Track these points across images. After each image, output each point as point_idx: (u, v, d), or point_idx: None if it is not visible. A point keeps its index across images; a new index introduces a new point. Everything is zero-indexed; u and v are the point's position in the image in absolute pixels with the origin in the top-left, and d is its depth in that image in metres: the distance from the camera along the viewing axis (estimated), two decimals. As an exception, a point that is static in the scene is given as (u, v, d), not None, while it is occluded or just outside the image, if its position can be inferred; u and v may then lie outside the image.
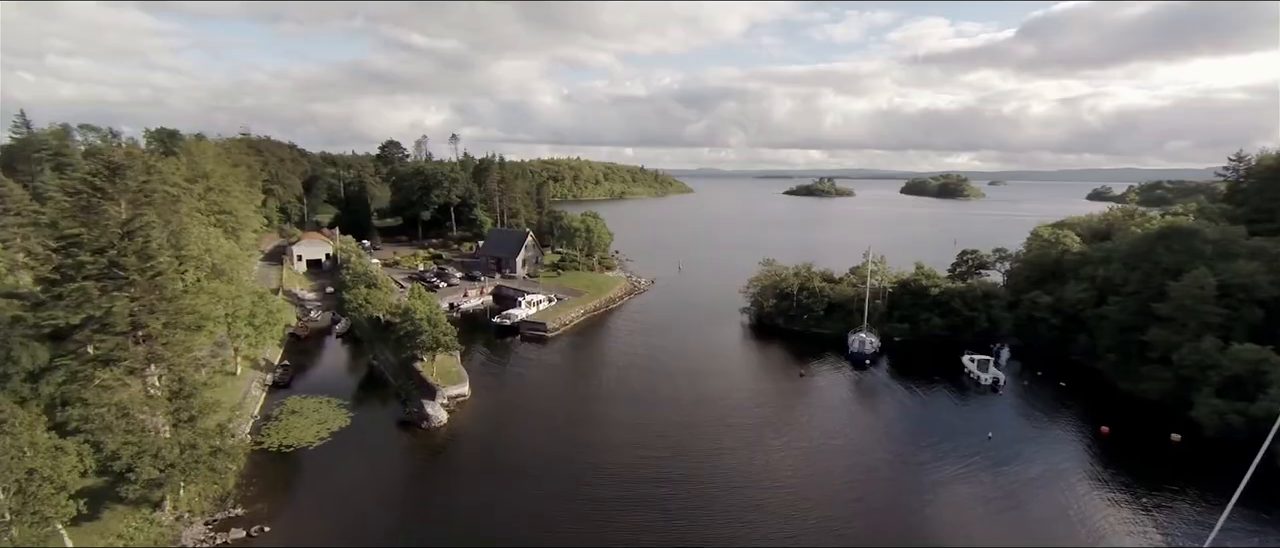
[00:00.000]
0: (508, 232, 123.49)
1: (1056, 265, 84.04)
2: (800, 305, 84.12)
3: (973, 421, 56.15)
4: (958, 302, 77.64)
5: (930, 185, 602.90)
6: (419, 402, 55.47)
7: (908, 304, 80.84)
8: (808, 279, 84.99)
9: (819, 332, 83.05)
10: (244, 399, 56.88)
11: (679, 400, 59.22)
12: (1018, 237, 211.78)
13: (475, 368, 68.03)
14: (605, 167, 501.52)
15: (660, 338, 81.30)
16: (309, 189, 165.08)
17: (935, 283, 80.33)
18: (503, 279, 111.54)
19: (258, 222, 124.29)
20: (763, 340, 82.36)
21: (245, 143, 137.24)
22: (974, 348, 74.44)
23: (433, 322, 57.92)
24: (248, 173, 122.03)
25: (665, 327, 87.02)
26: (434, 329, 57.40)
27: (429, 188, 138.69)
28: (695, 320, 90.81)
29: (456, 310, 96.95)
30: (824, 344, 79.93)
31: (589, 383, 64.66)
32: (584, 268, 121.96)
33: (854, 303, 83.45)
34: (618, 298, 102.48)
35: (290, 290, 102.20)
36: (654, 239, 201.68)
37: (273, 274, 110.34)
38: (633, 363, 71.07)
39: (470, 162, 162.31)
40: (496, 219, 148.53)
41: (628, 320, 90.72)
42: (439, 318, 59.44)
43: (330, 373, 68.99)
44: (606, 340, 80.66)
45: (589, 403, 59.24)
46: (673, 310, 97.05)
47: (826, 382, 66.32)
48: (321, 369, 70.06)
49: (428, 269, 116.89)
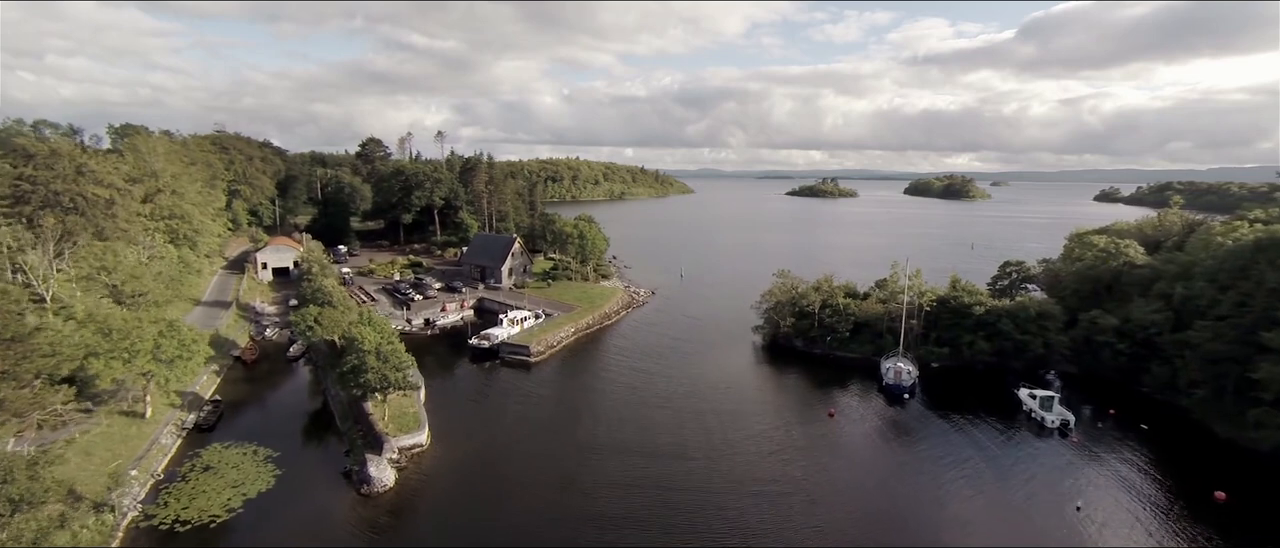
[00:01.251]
0: (493, 237, 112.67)
1: (1115, 279, 73.34)
2: (822, 326, 73.31)
3: (1051, 482, 45.24)
4: (1007, 323, 66.79)
5: (934, 186, 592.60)
6: (362, 456, 44.66)
7: (947, 324, 70.06)
8: (831, 295, 74.12)
9: (844, 356, 72.29)
10: (147, 452, 46.03)
11: (686, 454, 48.22)
12: (1039, 241, 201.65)
13: (441, 405, 57.09)
14: (605, 167, 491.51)
15: (661, 364, 70.39)
16: (285, 190, 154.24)
17: (979, 300, 69.49)
18: (487, 291, 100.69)
19: (219, 226, 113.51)
20: (779, 367, 71.49)
21: (210, 140, 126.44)
22: (1027, 378, 63.72)
23: (382, 355, 46.98)
24: (208, 172, 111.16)
25: (667, 350, 76.06)
26: (384, 364, 46.49)
27: (410, 189, 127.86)
28: (701, 341, 79.88)
29: (432, 327, 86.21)
30: (850, 370, 69.20)
31: (575, 427, 53.67)
32: (578, 277, 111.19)
33: (883, 322, 72.72)
34: (613, 313, 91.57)
35: (248, 304, 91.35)
36: (654, 242, 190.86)
37: (233, 285, 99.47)
38: (629, 399, 60.15)
39: (457, 160, 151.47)
40: (484, 222, 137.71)
41: (624, 341, 79.76)
42: (392, 350, 48.55)
43: (272, 410, 58.08)
44: (599, 368, 69.74)
45: (573, 456, 48.28)
46: (675, 329, 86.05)
47: (862, 426, 55.37)
48: (261, 406, 59.08)
49: (403, 279, 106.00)
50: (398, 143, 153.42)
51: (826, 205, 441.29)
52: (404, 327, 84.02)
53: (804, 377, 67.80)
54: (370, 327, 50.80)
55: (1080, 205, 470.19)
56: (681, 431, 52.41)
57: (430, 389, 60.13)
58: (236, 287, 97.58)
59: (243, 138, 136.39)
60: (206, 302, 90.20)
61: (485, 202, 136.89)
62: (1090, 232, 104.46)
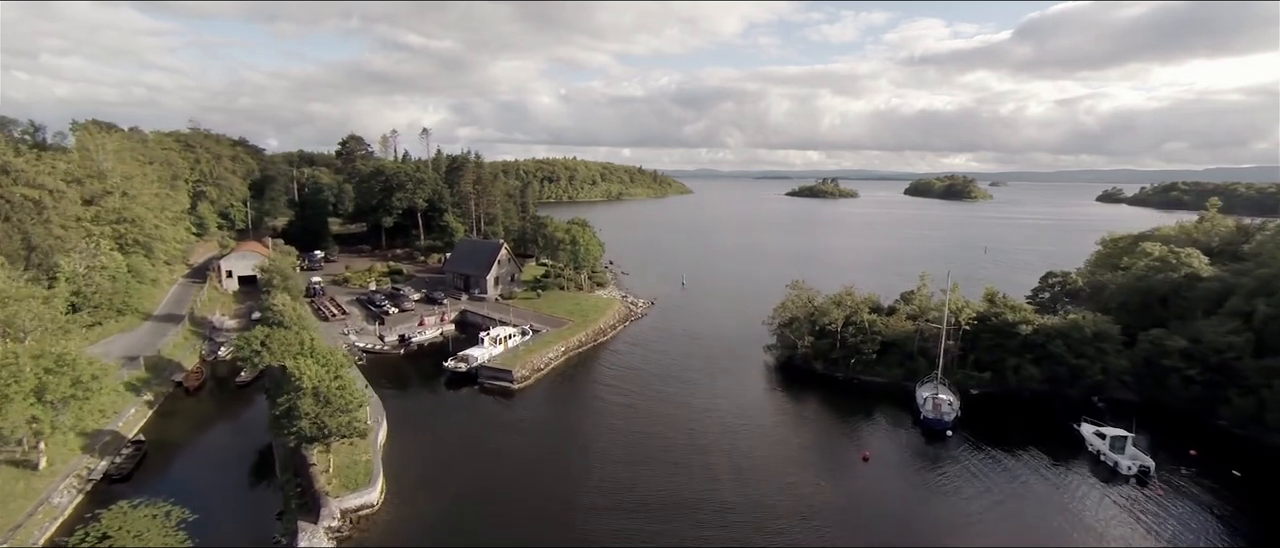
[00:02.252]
0: (478, 243, 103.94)
1: (1174, 292, 65.05)
2: (845, 346, 64.81)
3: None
4: (1059, 345, 58.39)
5: (935, 187, 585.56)
6: (294, 524, 35.98)
7: (987, 345, 61.64)
8: (855, 311, 65.61)
9: (870, 380, 63.82)
10: (31, 515, 37.26)
11: (698, 518, 39.47)
12: (1054, 244, 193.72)
13: (403, 447, 48.34)
14: (602, 167, 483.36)
15: (662, 391, 61.75)
16: (262, 191, 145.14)
17: (1024, 317, 61.04)
18: (470, 302, 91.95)
19: (181, 231, 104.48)
20: (797, 394, 62.92)
21: (173, 137, 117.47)
22: (1085, 409, 55.35)
23: (322, 396, 38.18)
24: (168, 171, 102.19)
25: (669, 373, 67.36)
26: (323, 408, 37.73)
27: (391, 190, 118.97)
28: (707, 362, 71.17)
29: (406, 345, 77.46)
30: (878, 397, 60.79)
31: (560, 478, 44.95)
32: (571, 285, 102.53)
33: (914, 342, 64.26)
34: (608, 328, 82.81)
35: (205, 318, 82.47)
36: (652, 246, 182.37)
37: (193, 295, 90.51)
38: (624, 440, 51.46)
39: (444, 159, 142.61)
40: (471, 226, 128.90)
41: (619, 363, 70.95)
42: (338, 388, 39.76)
43: (205, 454, 49.36)
44: (590, 397, 61.00)
45: (556, 517, 39.61)
46: (678, 347, 77.27)
47: (905, 473, 46.78)
48: (194, 448, 50.28)
49: (380, 289, 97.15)
50: (380, 141, 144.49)
51: (827, 206, 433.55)
52: (375, 345, 75.29)
53: (827, 407, 59.25)
54: (311, 358, 42.00)
55: (1083, 206, 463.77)
56: (690, 483, 43.70)
57: (394, 424, 51.41)
58: (197, 298, 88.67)
59: (212, 136, 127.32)
60: (158, 316, 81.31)
61: (473, 204, 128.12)
62: (1125, 237, 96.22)
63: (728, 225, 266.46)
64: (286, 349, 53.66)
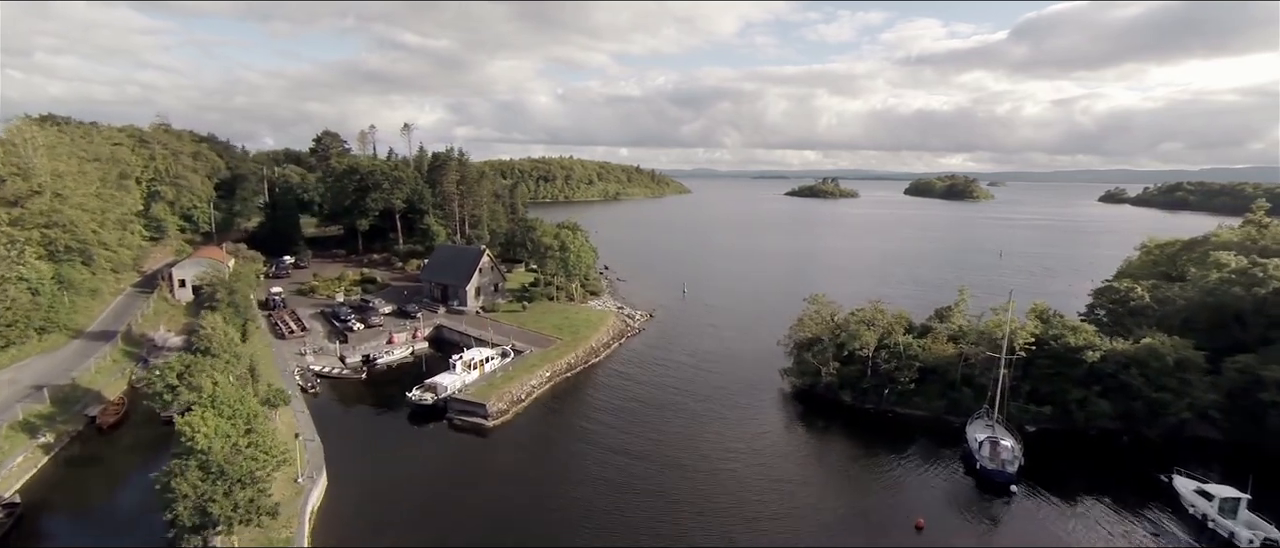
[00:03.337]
0: (458, 249, 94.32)
1: (1259, 309, 55.99)
2: (876, 372, 55.53)
3: None
4: (1134, 374, 49.26)
5: (936, 187, 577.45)
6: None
7: (1045, 373, 52.41)
8: (888, 330, 56.28)
9: (907, 414, 54.60)
10: None
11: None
12: (1071, 247, 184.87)
13: (343, 511, 38.85)
14: (599, 166, 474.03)
15: (663, 431, 52.22)
16: (231, 190, 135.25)
17: (1089, 341, 51.81)
18: (448, 315, 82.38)
19: (133, 236, 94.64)
20: (822, 431, 53.56)
21: (125, 132, 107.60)
22: (1166, 450, 46.31)
23: (213, 468, 28.62)
24: (115, 169, 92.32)
25: (670, 405, 57.81)
26: (213, 485, 28.17)
27: (365, 190, 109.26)
28: (714, 391, 61.58)
29: (370, 366, 67.93)
30: (917, 433, 51.69)
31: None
32: (562, 295, 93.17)
33: (957, 368, 55.05)
34: (600, 347, 73.20)
35: (145, 336, 72.67)
36: (651, 248, 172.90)
37: (138, 307, 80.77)
38: (618, 495, 42.09)
39: (425, 157, 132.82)
40: (455, 229, 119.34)
41: (613, 392, 61.25)
42: (245, 457, 30.24)
43: (102, 517, 39.81)
44: (578, 436, 51.43)
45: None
46: (680, 371, 67.61)
47: (965, 542, 37.59)
48: (84, 511, 40.66)
49: (350, 299, 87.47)
50: (358, 137, 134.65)
51: (827, 206, 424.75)
52: (332, 368, 65.71)
53: (860, 450, 49.85)
54: (211, 410, 32.40)
55: (1086, 207, 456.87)
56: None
57: (337, 478, 41.91)
58: (139, 312, 78.87)
59: (173, 131, 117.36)
60: (92, 332, 71.75)
61: (456, 205, 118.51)
62: (1171, 241, 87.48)
63: (728, 226, 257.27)
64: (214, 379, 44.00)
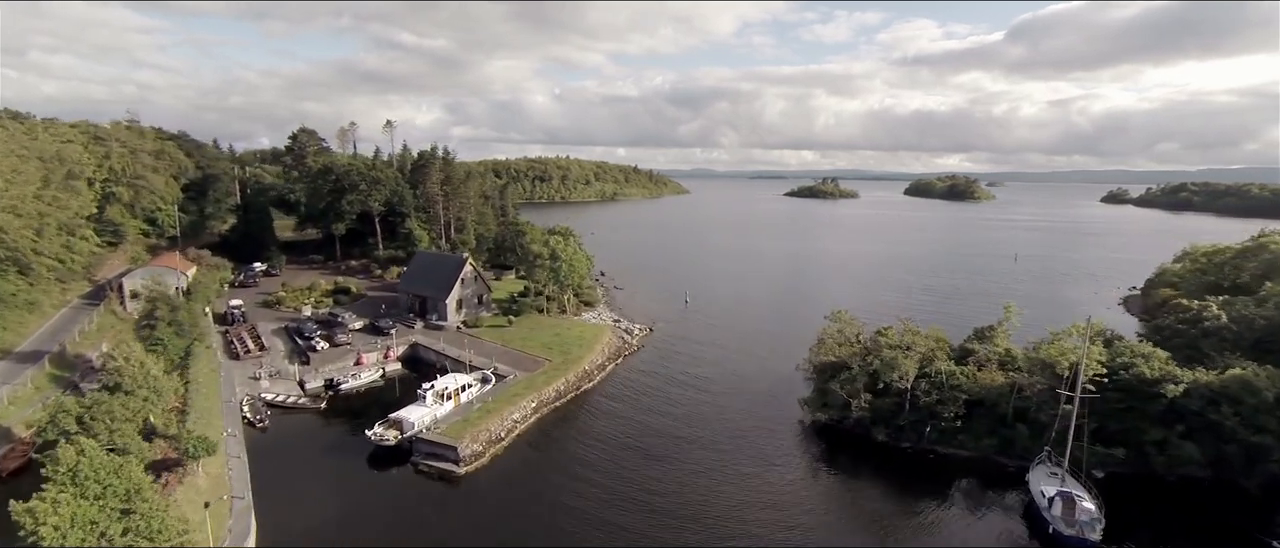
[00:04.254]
0: (438, 257, 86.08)
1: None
2: (915, 405, 47.65)
3: None
4: (1227, 411, 41.51)
5: (937, 187, 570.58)
6: None
7: (1115, 409, 44.59)
8: (930, 356, 48.37)
9: (949, 453, 46.75)
10: None
11: None
12: (1087, 251, 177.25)
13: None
14: (596, 166, 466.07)
15: (664, 475, 44.10)
16: (203, 191, 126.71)
17: (1168, 372, 44.02)
18: (426, 331, 74.27)
19: (82, 242, 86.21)
20: (854, 478, 45.52)
21: (78, 128, 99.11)
22: (1267, 505, 38.59)
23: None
24: (61, 169, 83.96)
25: (673, 444, 49.55)
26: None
27: (341, 191, 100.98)
28: (723, 426, 53.21)
29: (332, 392, 59.79)
30: (964, 476, 43.96)
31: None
32: (554, 305, 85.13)
33: (1009, 401, 47.22)
34: (594, 370, 64.91)
35: (82, 356, 64.35)
36: (649, 250, 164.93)
37: (82, 323, 72.44)
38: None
39: (409, 156, 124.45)
40: (440, 233, 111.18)
41: (607, 427, 52.79)
42: (122, 535, 22.13)
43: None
44: (565, 485, 43.15)
45: None
46: (684, 400, 59.19)
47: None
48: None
49: (316, 313, 79.15)
50: (338, 134, 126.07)
51: (826, 207, 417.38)
52: (288, 396, 57.47)
53: (904, 504, 41.76)
54: (72, 490, 24.19)
55: (1089, 208, 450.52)
56: None
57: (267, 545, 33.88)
58: (80, 328, 70.54)
59: (135, 128, 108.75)
60: (21, 352, 63.53)
61: (441, 207, 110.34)
62: (1224, 248, 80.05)
63: (728, 228, 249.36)
64: (122, 422, 35.92)
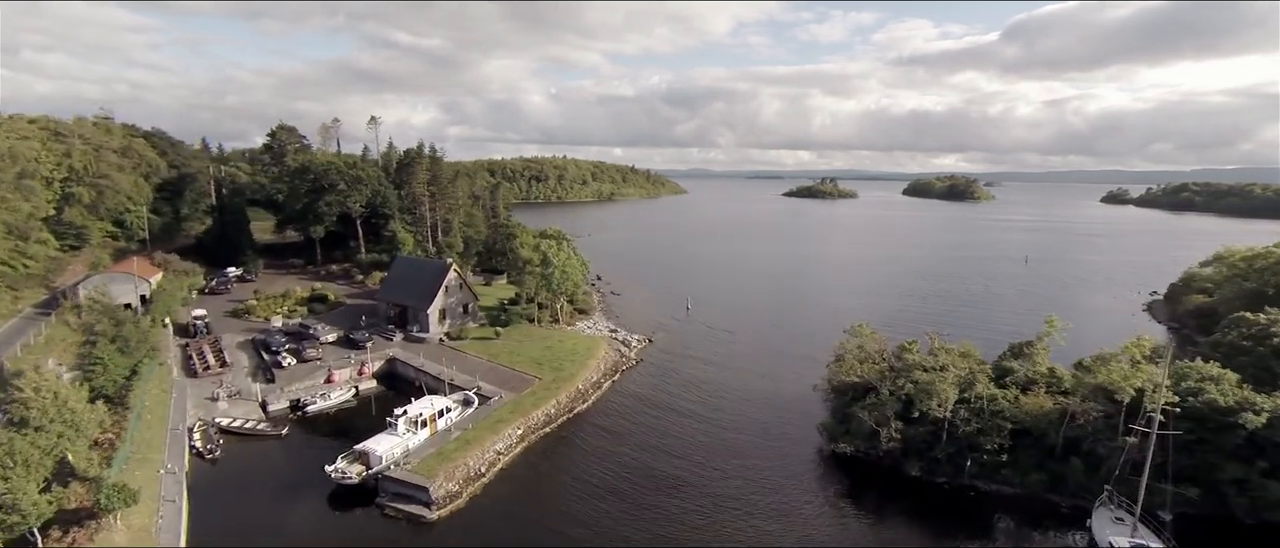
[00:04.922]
0: (420, 263, 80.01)
1: None
2: (953, 435, 41.93)
3: None
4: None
5: (936, 187, 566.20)
6: None
7: (1185, 442, 38.95)
8: (970, 378, 42.64)
9: (991, 489, 41.06)
10: None
11: None
12: (1096, 253, 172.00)
13: None
14: (593, 166, 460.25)
15: (665, 523, 38.38)
16: (178, 192, 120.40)
17: (1245, 400, 38.38)
18: (405, 343, 68.25)
19: (35, 247, 80.00)
20: (884, 521, 39.77)
21: (36, 124, 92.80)
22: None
23: None
24: (13, 168, 77.60)
25: (676, 477, 43.70)
26: None
27: (320, 191, 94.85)
28: (732, 457, 47.14)
29: (301, 413, 53.80)
30: (1009, 515, 38.27)
31: None
32: (546, 315, 79.26)
33: (1059, 431, 41.54)
34: (588, 389, 58.79)
35: (24, 373, 57.92)
36: (648, 253, 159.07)
37: (28, 335, 66.19)
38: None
39: (394, 154, 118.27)
40: (426, 236, 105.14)
41: (603, 460, 46.51)
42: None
43: None
44: (552, 533, 37.37)
45: None
46: (687, 424, 53.12)
47: None
48: None
49: (286, 324, 73.03)
50: (320, 131, 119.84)
51: (826, 207, 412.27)
52: (248, 421, 51.36)
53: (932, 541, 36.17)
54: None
55: (1089, 208, 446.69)
56: None
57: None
58: (22, 341, 64.23)
59: (100, 124, 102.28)
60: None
61: (427, 209, 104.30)
62: (1261, 254, 74.77)
63: (728, 228, 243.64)
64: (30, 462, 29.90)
